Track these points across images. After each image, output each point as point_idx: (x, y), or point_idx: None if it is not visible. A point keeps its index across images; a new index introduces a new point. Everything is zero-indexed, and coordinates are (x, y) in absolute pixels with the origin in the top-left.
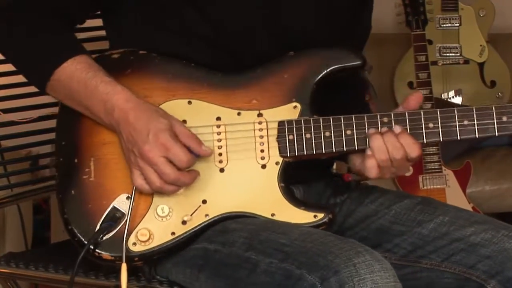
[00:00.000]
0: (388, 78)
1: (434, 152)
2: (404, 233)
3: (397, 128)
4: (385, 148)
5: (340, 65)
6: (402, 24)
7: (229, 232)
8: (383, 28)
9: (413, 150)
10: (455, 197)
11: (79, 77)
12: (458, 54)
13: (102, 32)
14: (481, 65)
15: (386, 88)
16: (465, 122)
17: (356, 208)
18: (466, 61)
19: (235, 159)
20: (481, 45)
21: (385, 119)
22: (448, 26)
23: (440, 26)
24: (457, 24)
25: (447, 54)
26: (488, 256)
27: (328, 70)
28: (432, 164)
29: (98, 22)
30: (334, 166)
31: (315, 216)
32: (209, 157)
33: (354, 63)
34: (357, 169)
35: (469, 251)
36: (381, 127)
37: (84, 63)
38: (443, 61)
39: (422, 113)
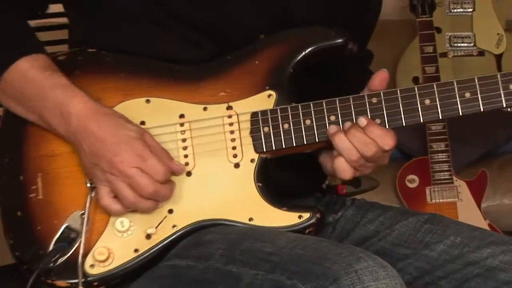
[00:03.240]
0: (389, 73)
1: (444, 159)
2: (409, 257)
3: (362, 121)
4: (353, 147)
5: (317, 46)
6: (406, 8)
7: (204, 244)
8: (383, 14)
9: (387, 142)
10: (469, 212)
11: (34, 77)
12: (472, 44)
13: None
14: (498, 57)
15: (387, 85)
16: (467, 95)
17: (352, 229)
18: (481, 53)
19: (203, 160)
20: (498, 34)
21: (374, 100)
22: (460, 12)
23: (451, 12)
24: (470, 9)
25: (459, 45)
26: (507, 282)
27: (304, 52)
28: (442, 174)
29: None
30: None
31: (300, 217)
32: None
33: (333, 42)
34: (330, 172)
35: (486, 277)
36: (370, 112)
37: (40, 61)
38: (453, 53)
39: (416, 88)
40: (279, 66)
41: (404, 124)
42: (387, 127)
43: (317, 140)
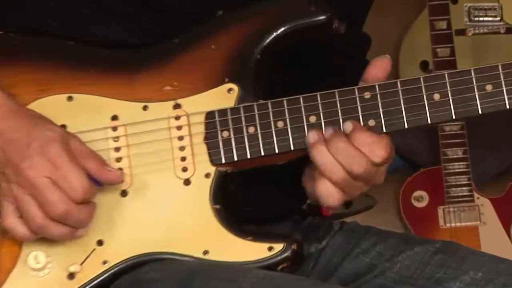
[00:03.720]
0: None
1: (462, 170)
2: None
3: (347, 126)
4: (336, 163)
5: (292, 25)
6: None
7: (144, 284)
8: None
9: (377, 152)
10: (494, 239)
11: None
12: (498, 18)
13: None
14: None
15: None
16: (488, 88)
17: (341, 262)
18: (509, 29)
19: (143, 175)
20: None
21: (367, 95)
22: None
23: None
24: None
25: (481, 19)
26: None
27: (275, 33)
28: (459, 189)
29: None
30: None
31: (270, 249)
32: None
33: (313, 20)
34: (312, 196)
35: None
36: (361, 110)
37: None
38: (474, 30)
39: (422, 79)
40: (242, 52)
41: (406, 126)
42: (384, 130)
43: (292, 148)
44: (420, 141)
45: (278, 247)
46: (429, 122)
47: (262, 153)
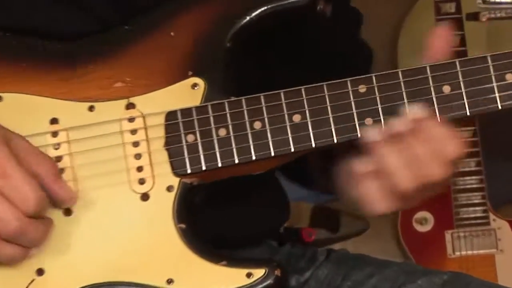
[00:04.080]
0: (388, 45)
1: (474, 186)
2: None
3: (414, 110)
4: (405, 165)
5: (268, 6)
6: None
7: None
8: None
9: (450, 149)
10: None
11: None
12: None
13: None
14: None
15: (385, 62)
16: (509, 78)
17: None
18: None
19: (91, 190)
20: None
21: (362, 88)
22: None
23: None
24: None
25: (498, 0)
26: None
27: (249, 16)
28: (471, 209)
29: None
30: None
31: (249, 275)
32: None
33: (293, 1)
34: (350, 199)
35: None
36: (355, 107)
37: None
38: (489, 14)
39: (428, 69)
40: (208, 39)
41: None
42: None
43: (272, 154)
44: None
45: (259, 273)
46: (439, 120)
47: (236, 161)
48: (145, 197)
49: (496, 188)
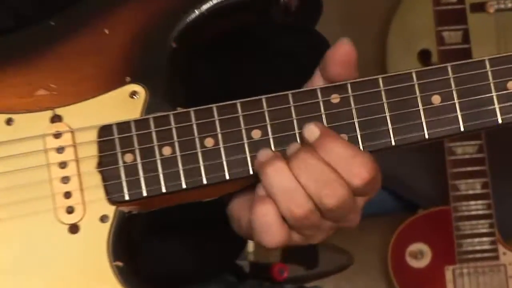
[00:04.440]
0: (376, 42)
1: (481, 212)
2: None
3: (311, 130)
4: (299, 186)
5: (216, 2)
6: None
7: None
8: None
9: (355, 171)
10: None
11: None
12: None
13: None
14: None
15: (372, 63)
16: (511, 86)
17: None
18: None
19: (8, 219)
20: None
21: (335, 98)
22: None
23: None
24: None
25: None
26: None
27: (197, 11)
28: (477, 241)
29: None
30: (251, 247)
31: None
32: None
33: None
34: (245, 232)
35: None
36: (327, 121)
37: None
38: (498, 4)
39: (415, 75)
40: (149, 39)
41: (393, 144)
42: (361, 148)
43: (227, 177)
44: (419, 169)
45: None
46: (427, 137)
47: (184, 186)
48: (74, 228)
49: (506, 214)
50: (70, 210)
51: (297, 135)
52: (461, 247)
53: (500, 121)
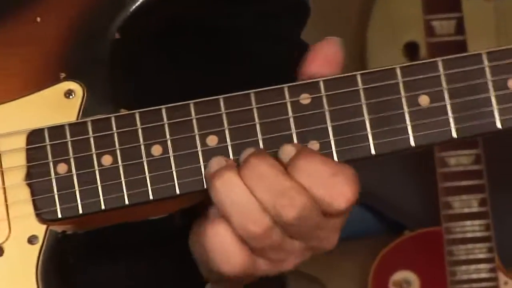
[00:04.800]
0: (354, 34)
1: (478, 235)
2: None
3: (287, 150)
4: (253, 200)
5: None
6: None
7: None
8: None
9: (339, 190)
10: None
11: None
12: None
13: None
14: None
15: (350, 58)
16: None
17: None
18: None
19: None
20: None
21: (305, 99)
22: None
23: None
24: None
25: None
26: None
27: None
28: (473, 267)
29: None
30: None
31: None
32: None
33: None
34: (199, 257)
35: None
36: (295, 126)
37: None
38: None
39: (399, 71)
40: (88, 28)
41: (373, 152)
42: (334, 158)
43: (177, 191)
44: (404, 183)
45: None
46: (413, 144)
47: (126, 202)
48: None
49: (507, 237)
50: None
51: (260, 141)
52: (454, 276)
53: (499, 125)
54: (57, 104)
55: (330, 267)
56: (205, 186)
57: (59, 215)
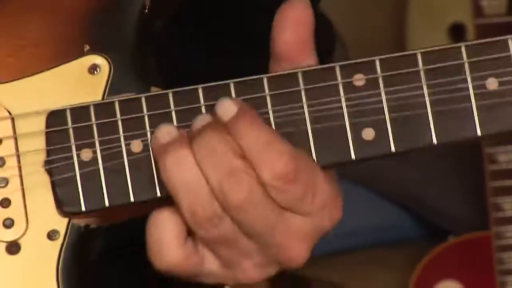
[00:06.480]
0: (393, 17)
1: None
2: None
3: (226, 107)
4: (198, 178)
5: None
6: None
7: None
8: None
9: (269, 159)
10: None
11: None
12: None
13: None
14: None
15: (388, 44)
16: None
17: None
18: None
19: None
20: None
21: (359, 81)
22: None
23: None
24: None
25: None
26: None
27: None
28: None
29: None
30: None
31: None
32: None
33: None
34: None
35: None
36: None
37: None
38: None
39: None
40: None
41: (435, 142)
42: (391, 147)
43: None
44: (449, 185)
45: None
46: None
47: (158, 194)
48: (13, 248)
49: None
50: (8, 224)
51: (309, 131)
52: (504, 286)
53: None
54: (80, 80)
55: (363, 276)
56: None
57: (83, 208)
